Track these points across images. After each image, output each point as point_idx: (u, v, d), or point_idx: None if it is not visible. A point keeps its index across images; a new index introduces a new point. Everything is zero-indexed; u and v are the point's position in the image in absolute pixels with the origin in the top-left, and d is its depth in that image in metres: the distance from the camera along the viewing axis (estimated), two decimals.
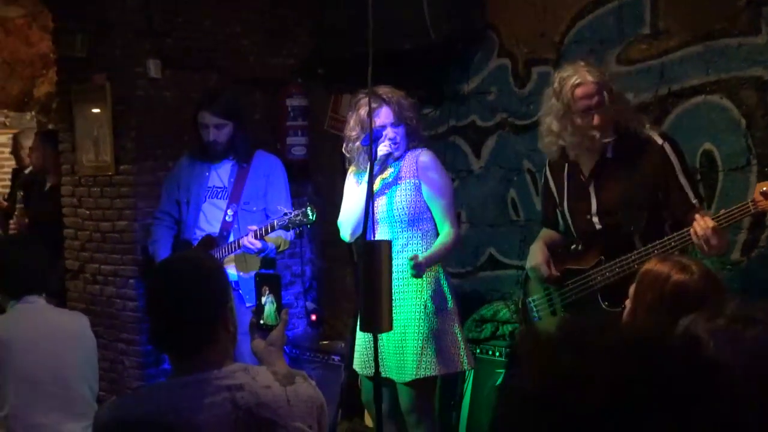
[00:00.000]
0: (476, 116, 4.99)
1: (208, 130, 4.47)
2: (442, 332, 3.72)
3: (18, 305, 3.44)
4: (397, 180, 3.79)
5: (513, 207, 4.87)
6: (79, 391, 3.44)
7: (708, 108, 3.97)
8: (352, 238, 3.95)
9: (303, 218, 4.02)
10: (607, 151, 3.40)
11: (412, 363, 3.67)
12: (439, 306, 3.74)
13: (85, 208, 5.44)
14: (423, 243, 3.76)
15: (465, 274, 5.04)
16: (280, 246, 4.48)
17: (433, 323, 3.70)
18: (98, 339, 5.25)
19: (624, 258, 3.27)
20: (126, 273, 5.22)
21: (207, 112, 4.46)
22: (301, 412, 2.11)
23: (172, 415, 2.02)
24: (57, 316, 3.59)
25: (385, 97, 3.73)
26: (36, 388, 3.31)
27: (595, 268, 3.40)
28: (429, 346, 3.67)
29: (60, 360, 3.42)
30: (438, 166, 3.82)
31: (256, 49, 5.56)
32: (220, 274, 2.23)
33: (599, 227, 3.43)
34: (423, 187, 3.75)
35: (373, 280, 2.60)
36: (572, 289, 3.49)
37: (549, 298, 3.61)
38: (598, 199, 3.43)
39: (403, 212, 3.74)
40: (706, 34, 3.94)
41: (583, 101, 3.31)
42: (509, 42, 4.79)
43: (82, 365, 3.50)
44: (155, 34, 5.09)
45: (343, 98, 5.49)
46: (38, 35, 8.32)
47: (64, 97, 5.52)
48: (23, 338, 3.36)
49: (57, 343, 3.43)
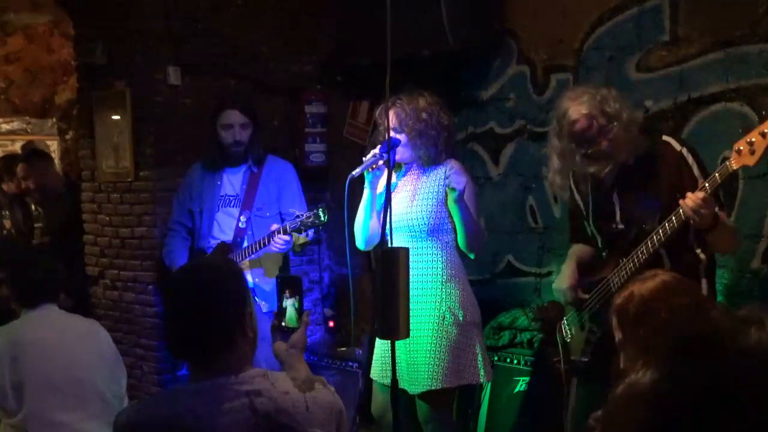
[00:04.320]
0: (495, 123, 4.99)
1: (234, 129, 4.49)
2: (460, 345, 3.66)
3: (30, 312, 3.51)
4: (415, 188, 3.76)
5: (531, 214, 4.86)
6: (94, 391, 3.47)
7: (728, 115, 3.95)
8: (368, 247, 3.91)
9: (315, 220, 4.03)
10: (629, 160, 3.40)
11: (425, 374, 3.62)
12: (458, 318, 3.67)
13: (104, 214, 5.47)
14: (442, 253, 3.71)
15: (483, 281, 5.02)
16: (299, 240, 4.49)
17: (451, 335, 3.64)
18: (117, 345, 5.26)
19: (634, 251, 3.26)
20: (145, 279, 5.25)
21: (234, 110, 4.50)
22: (320, 418, 2.10)
23: (191, 420, 2.03)
24: (67, 319, 3.64)
25: (397, 103, 3.71)
26: (51, 388, 3.35)
27: (612, 271, 3.39)
28: (445, 358, 3.62)
29: (72, 360, 3.45)
30: (465, 174, 3.75)
31: (275, 56, 5.58)
32: (238, 279, 2.22)
33: (623, 229, 3.43)
34: (449, 199, 3.65)
35: (390, 287, 2.60)
36: (595, 298, 3.48)
37: (578, 313, 3.61)
38: (621, 206, 3.43)
39: (422, 222, 3.68)
40: (725, 41, 3.92)
41: (581, 135, 3.31)
42: (528, 48, 4.79)
43: (94, 365, 3.52)
44: (175, 41, 5.12)
45: (362, 105, 5.50)
46: (60, 42, 8.38)
47: (85, 103, 5.56)
48: (36, 339, 3.42)
49: (67, 343, 3.48)
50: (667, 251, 3.27)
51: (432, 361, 3.62)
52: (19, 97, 9.09)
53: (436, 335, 3.64)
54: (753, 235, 3.87)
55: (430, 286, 3.67)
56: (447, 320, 3.65)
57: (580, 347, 3.55)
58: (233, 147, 4.52)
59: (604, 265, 3.49)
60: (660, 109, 4.17)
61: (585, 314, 3.55)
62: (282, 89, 5.61)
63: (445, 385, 3.63)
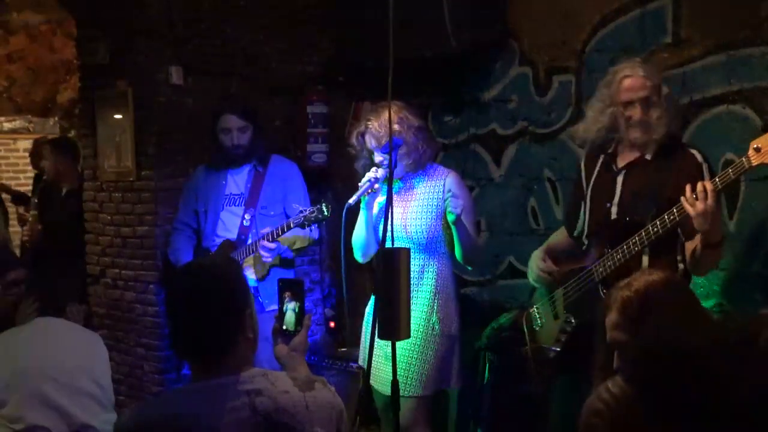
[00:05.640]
0: (496, 124, 4.99)
1: (232, 134, 4.51)
2: (444, 354, 3.71)
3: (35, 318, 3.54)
4: (411, 200, 3.76)
5: (533, 216, 4.86)
6: (86, 392, 3.50)
7: (730, 117, 3.95)
8: (366, 260, 3.92)
9: (318, 214, 4.04)
10: (647, 153, 3.40)
11: (406, 380, 3.62)
12: (446, 329, 3.72)
13: (106, 214, 5.47)
14: (437, 265, 3.73)
15: (484, 283, 5.03)
16: (296, 243, 4.49)
17: (438, 345, 3.69)
18: (118, 344, 5.34)
19: (626, 242, 3.25)
20: (146, 278, 5.25)
21: (231, 114, 4.51)
22: (320, 417, 2.11)
23: (191, 420, 2.03)
24: (69, 328, 3.68)
25: (368, 125, 3.70)
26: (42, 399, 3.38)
27: (597, 260, 3.39)
28: (428, 367, 3.66)
29: (64, 366, 3.48)
30: (463, 189, 3.76)
31: (277, 56, 5.58)
32: (238, 279, 2.22)
33: (614, 217, 3.42)
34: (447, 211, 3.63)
35: (391, 288, 2.59)
36: (574, 287, 3.48)
37: (552, 302, 3.61)
38: (623, 190, 3.42)
39: (421, 235, 3.70)
40: (728, 44, 3.92)
41: (628, 93, 3.35)
42: (530, 50, 4.79)
43: (84, 372, 3.55)
44: (177, 41, 5.12)
45: (364, 106, 5.50)
46: (62, 42, 8.40)
47: (87, 103, 5.56)
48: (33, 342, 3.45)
49: (62, 352, 3.50)
50: (649, 255, 3.26)
51: (416, 368, 3.65)
52: (22, 96, 9.11)
53: (423, 344, 3.67)
54: (754, 238, 3.87)
55: (422, 296, 3.70)
56: (436, 331, 3.69)
57: (552, 336, 3.54)
58: (233, 150, 4.54)
59: (586, 254, 3.49)
60: None
61: (560, 302, 3.55)
62: (284, 90, 5.61)
63: (425, 393, 3.68)
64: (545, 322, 3.64)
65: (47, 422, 3.36)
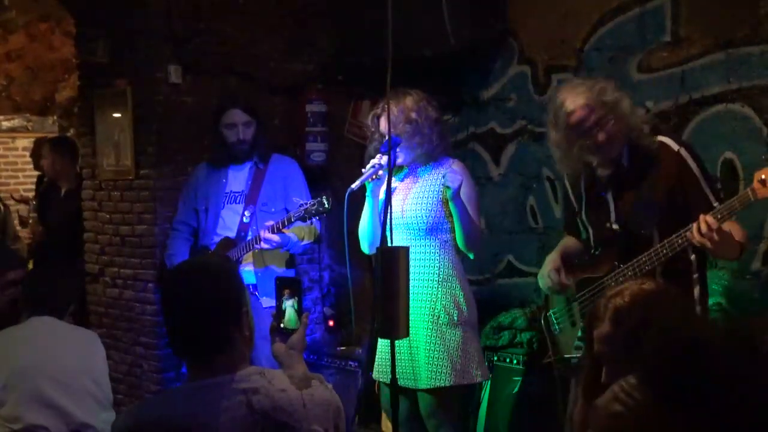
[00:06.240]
0: (495, 123, 4.99)
1: (237, 128, 4.53)
2: (455, 344, 3.66)
3: (33, 318, 3.54)
4: (414, 187, 3.75)
5: (532, 214, 4.86)
6: (83, 392, 3.50)
7: (729, 116, 3.95)
8: (371, 250, 3.88)
9: (319, 207, 4.02)
10: (623, 160, 3.36)
11: (426, 372, 3.63)
12: (452, 318, 3.66)
13: (105, 212, 5.47)
14: (440, 252, 3.70)
15: (483, 281, 5.03)
16: (304, 237, 4.49)
17: (445, 335, 3.65)
18: (117, 343, 5.34)
19: (636, 260, 3.24)
20: (145, 277, 5.24)
21: (237, 109, 4.54)
22: (317, 415, 2.10)
23: (189, 419, 2.03)
24: (67, 328, 3.67)
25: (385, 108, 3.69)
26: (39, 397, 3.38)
27: (609, 273, 3.37)
28: (442, 356, 3.63)
29: (62, 364, 3.48)
30: (466, 174, 3.74)
31: (276, 55, 5.58)
32: (233, 278, 2.22)
33: (618, 231, 3.41)
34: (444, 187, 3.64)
35: (390, 287, 2.59)
36: (589, 298, 3.47)
37: (569, 309, 3.59)
38: (616, 207, 3.40)
39: (421, 220, 3.68)
40: (727, 42, 3.92)
41: (579, 127, 3.26)
42: (529, 48, 4.79)
43: (83, 372, 3.55)
44: (176, 40, 5.12)
45: (363, 104, 5.50)
46: (61, 41, 8.39)
47: (86, 101, 5.56)
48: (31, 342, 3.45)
49: (60, 350, 3.50)
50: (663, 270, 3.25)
51: (430, 359, 3.63)
52: (21, 95, 9.11)
53: (431, 334, 3.65)
54: (753, 237, 3.87)
55: (425, 284, 3.67)
56: (441, 320, 3.65)
57: (571, 344, 3.54)
58: (237, 145, 4.55)
59: (598, 264, 3.47)
60: (661, 110, 4.17)
61: (576, 311, 3.53)
62: (283, 88, 5.61)
63: (444, 383, 3.63)
64: (564, 327, 3.62)
65: (46, 422, 3.36)
